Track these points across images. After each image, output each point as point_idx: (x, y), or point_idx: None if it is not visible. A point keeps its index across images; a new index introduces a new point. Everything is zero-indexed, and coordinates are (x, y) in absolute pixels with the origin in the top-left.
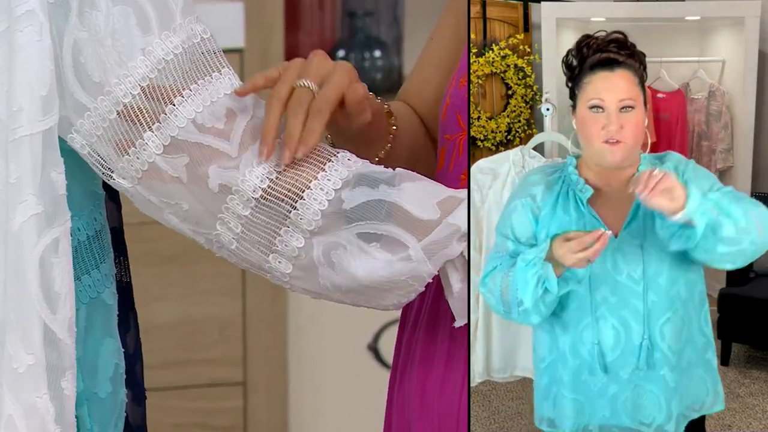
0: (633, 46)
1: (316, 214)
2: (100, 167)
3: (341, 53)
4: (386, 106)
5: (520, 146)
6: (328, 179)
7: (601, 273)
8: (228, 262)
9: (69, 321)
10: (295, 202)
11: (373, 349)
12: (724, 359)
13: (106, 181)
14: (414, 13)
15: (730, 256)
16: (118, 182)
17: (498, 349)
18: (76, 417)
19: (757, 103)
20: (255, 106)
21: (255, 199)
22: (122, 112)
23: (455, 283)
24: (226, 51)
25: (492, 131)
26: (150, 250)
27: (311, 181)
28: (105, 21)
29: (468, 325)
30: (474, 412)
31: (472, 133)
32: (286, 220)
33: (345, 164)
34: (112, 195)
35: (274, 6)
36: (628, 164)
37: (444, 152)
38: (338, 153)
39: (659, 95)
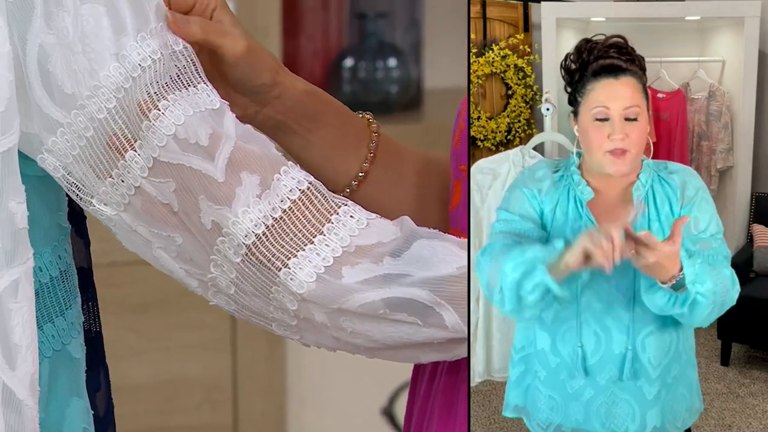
0: (633, 50)
1: (311, 276)
2: (78, 192)
3: (349, 62)
4: (366, 115)
5: (520, 146)
6: (326, 244)
7: (589, 278)
8: (214, 311)
9: (31, 378)
10: (288, 260)
11: (388, 413)
12: (724, 359)
13: (85, 207)
14: (435, 15)
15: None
16: (99, 209)
17: (498, 350)
18: None
19: (757, 103)
20: (240, 130)
21: (246, 246)
22: (99, 128)
23: None
24: None
25: (492, 131)
26: (121, 297)
27: (306, 244)
28: (74, 23)
29: (468, 325)
30: (474, 412)
31: (472, 133)
32: (275, 278)
33: (347, 226)
34: (79, 229)
35: (268, 6)
36: (630, 172)
37: (459, 186)
38: (339, 209)
39: (659, 95)
